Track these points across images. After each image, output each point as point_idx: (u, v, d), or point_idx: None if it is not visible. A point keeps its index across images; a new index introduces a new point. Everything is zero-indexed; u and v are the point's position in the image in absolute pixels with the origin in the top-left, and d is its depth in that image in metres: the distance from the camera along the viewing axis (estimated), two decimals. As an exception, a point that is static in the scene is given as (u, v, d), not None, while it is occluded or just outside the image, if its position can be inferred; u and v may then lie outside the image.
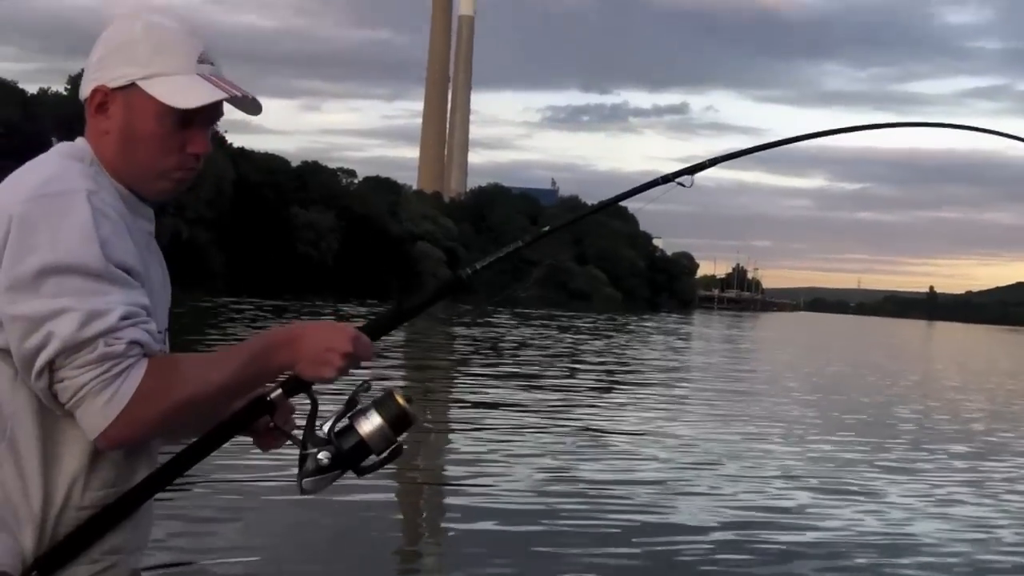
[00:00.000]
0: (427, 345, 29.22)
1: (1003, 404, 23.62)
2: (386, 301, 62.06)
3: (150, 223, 2.07)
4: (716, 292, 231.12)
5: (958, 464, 13.25)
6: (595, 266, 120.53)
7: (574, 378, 21.96)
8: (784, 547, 8.13)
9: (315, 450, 1.95)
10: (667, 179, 2.35)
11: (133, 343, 1.78)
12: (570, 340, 37.65)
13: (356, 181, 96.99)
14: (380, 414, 1.95)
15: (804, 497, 10.17)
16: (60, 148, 2.01)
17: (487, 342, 32.97)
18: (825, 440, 14.56)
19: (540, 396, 17.78)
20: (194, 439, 1.95)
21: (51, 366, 1.77)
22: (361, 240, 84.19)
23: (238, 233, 68.74)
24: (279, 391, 1.95)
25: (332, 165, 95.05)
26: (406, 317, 2.09)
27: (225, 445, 1.99)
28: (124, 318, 1.78)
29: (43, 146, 1.95)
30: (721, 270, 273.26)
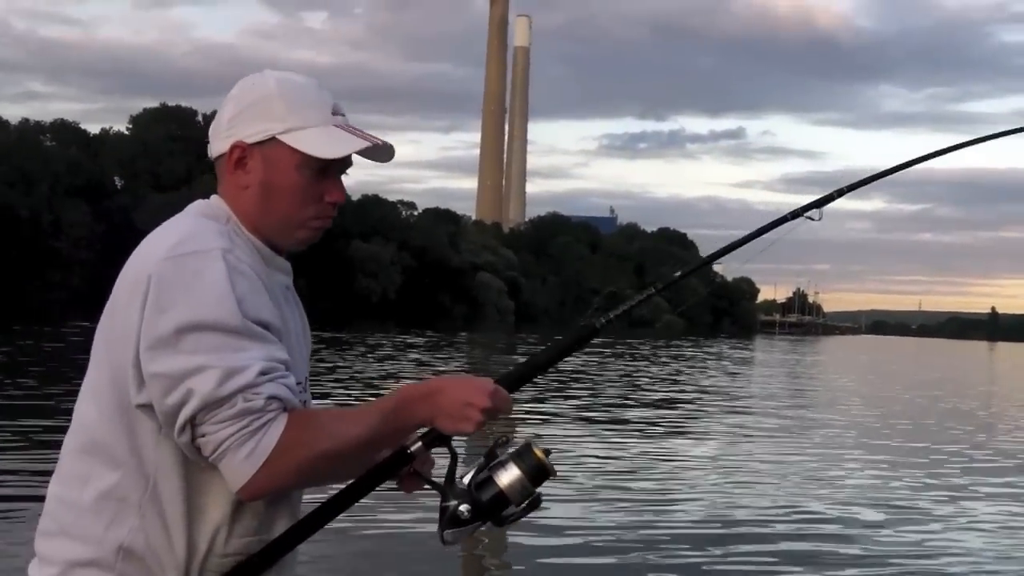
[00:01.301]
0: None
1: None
2: (450, 332, 62.28)
3: (287, 276, 2.13)
4: (777, 317, 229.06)
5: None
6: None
7: (651, 408, 21.84)
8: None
9: (455, 502, 1.98)
10: (796, 214, 2.37)
11: (272, 398, 1.83)
12: (641, 367, 37.50)
13: (416, 213, 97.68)
14: (519, 466, 1.97)
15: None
16: (196, 207, 2.06)
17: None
18: (890, 463, 14.38)
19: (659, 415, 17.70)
20: (337, 489, 1.99)
21: (192, 421, 1.81)
22: (422, 271, 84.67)
23: (300, 268, 69.19)
24: (419, 444, 1.99)
25: (392, 198, 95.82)
26: (542, 368, 2.11)
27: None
28: (262, 373, 1.83)
29: (105, 184, 1.99)
30: (781, 294, 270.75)
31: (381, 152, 2.12)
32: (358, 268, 76.48)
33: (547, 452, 1.99)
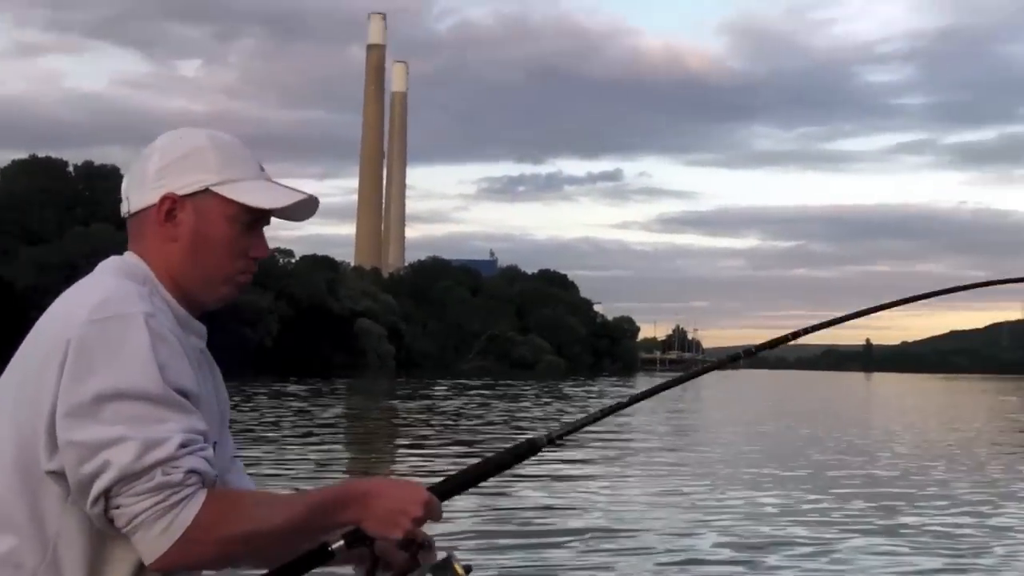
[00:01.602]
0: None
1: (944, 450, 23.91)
2: (329, 380, 61.69)
3: (201, 339, 2.07)
4: (658, 354, 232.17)
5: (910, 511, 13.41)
6: (537, 335, 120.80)
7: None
8: None
9: None
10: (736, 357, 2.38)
11: (191, 472, 1.78)
12: (515, 407, 37.62)
13: (294, 260, 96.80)
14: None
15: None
16: (112, 264, 2.01)
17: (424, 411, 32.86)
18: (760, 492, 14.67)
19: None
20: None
21: (108, 493, 1.76)
22: (301, 318, 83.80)
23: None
24: (341, 543, 1.94)
25: (269, 246, 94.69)
26: (477, 480, 2.07)
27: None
28: (182, 446, 1.78)
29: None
30: (661, 332, 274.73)
31: (304, 208, 2.10)
32: (235, 317, 75.43)
33: (468, 569, 1.98)
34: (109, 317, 1.82)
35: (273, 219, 2.09)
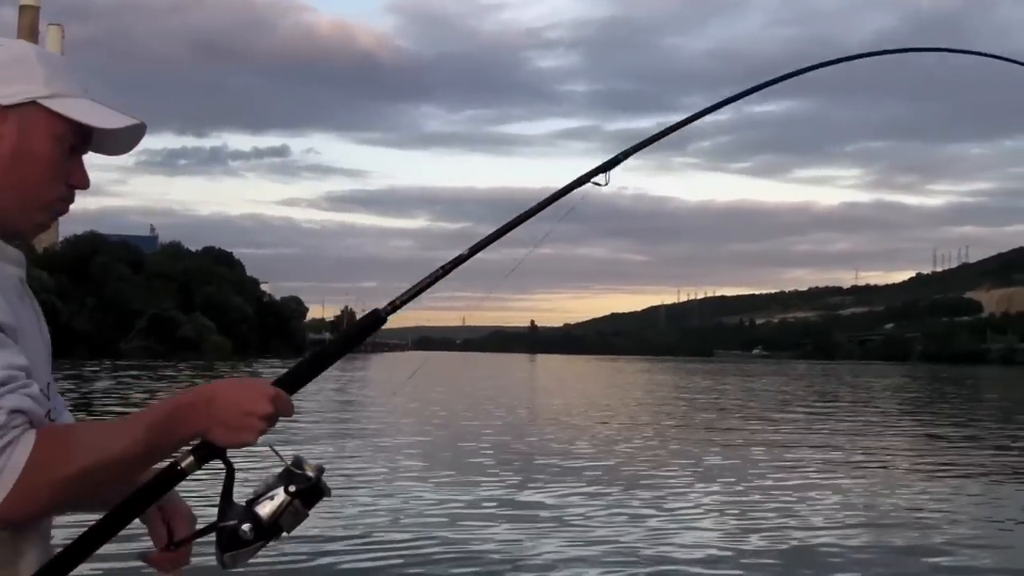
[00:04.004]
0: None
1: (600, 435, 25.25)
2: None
3: (20, 268, 1.87)
4: (327, 335, 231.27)
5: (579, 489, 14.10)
6: (202, 314, 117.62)
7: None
8: None
9: (234, 521, 1.78)
10: (582, 181, 2.20)
11: (15, 412, 1.60)
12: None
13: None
14: (286, 486, 1.79)
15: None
16: None
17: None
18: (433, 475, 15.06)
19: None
20: (97, 516, 1.74)
21: None
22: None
23: None
24: (191, 459, 1.75)
25: None
26: (324, 364, 1.89)
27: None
28: (1, 384, 1.61)
29: None
30: (330, 313, 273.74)
31: (129, 136, 1.93)
32: None
33: (320, 470, 1.83)
34: None
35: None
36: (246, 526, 1.77)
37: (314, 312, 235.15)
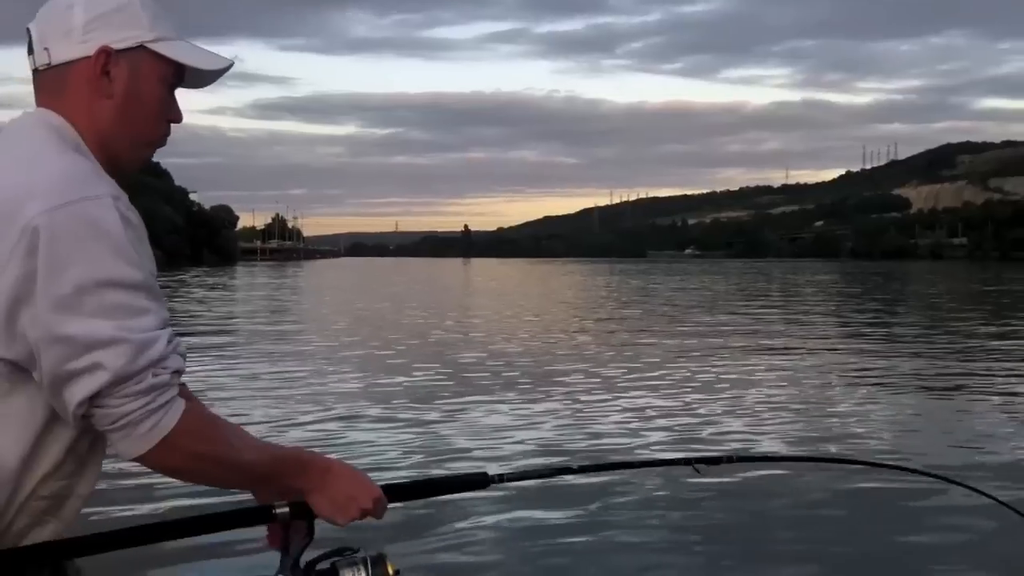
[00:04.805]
0: None
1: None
2: None
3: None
4: (258, 244, 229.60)
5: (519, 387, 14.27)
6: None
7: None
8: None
9: None
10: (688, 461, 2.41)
11: (176, 372, 1.75)
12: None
13: None
14: (367, 573, 1.89)
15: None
16: (42, 127, 1.85)
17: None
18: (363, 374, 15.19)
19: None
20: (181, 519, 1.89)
21: (95, 394, 1.68)
22: None
23: None
24: (287, 510, 1.92)
25: None
26: (429, 494, 2.16)
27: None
28: (168, 343, 1.74)
29: None
30: (260, 221, 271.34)
31: (213, 74, 2.04)
32: None
33: (398, 572, 1.93)
34: (75, 201, 1.69)
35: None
36: None
37: (245, 221, 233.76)
